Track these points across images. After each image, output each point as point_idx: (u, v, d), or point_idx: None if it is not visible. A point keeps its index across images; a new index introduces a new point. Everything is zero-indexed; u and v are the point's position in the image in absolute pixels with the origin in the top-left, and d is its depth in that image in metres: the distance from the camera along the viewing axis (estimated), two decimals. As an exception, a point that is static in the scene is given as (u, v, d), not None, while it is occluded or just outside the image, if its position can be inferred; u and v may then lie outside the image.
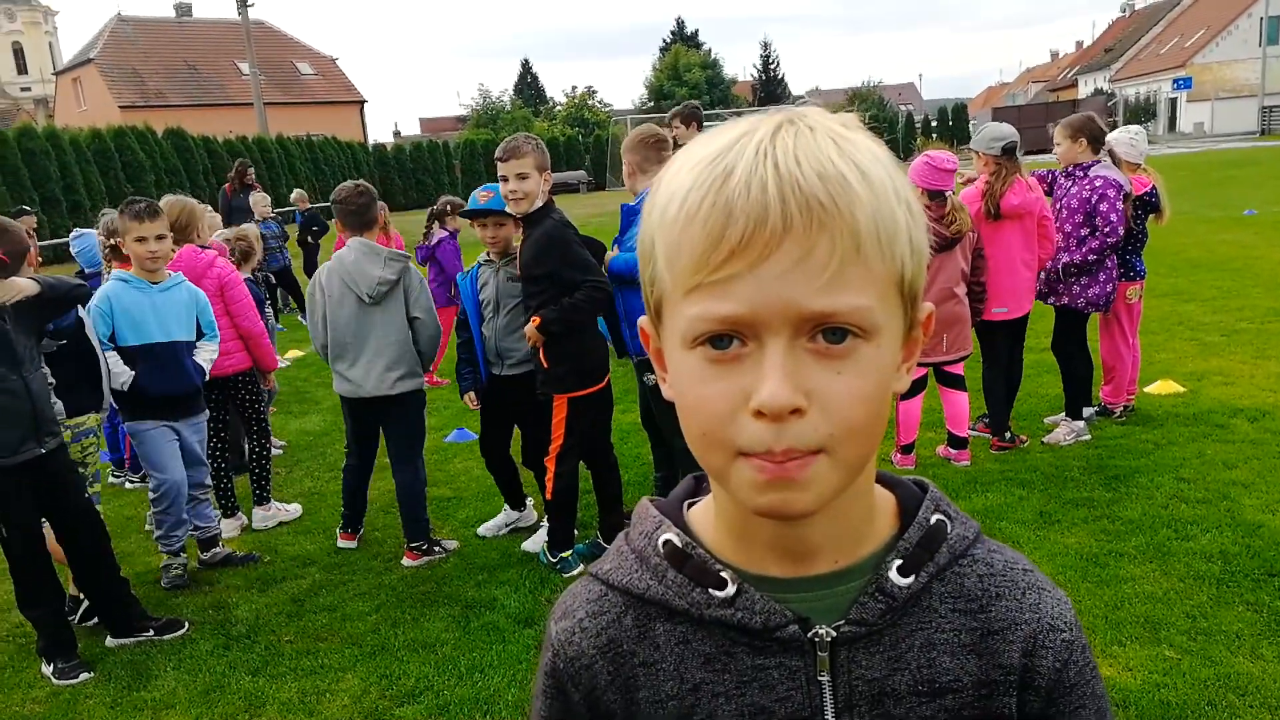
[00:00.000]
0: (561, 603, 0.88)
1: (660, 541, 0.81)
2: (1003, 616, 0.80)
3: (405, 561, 4.77)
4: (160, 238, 4.45)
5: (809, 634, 0.77)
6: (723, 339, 0.68)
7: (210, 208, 7.13)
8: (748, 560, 0.79)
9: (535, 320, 4.22)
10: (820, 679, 0.78)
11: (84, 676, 3.90)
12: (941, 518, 0.81)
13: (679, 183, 0.70)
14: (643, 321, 0.78)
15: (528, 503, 5.16)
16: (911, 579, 0.78)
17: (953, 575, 0.80)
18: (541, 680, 0.87)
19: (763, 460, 0.68)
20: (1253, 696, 3.14)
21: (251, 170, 13.45)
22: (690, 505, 0.86)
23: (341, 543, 5.02)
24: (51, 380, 4.03)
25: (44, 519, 3.93)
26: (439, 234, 8.40)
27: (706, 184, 0.67)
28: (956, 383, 5.42)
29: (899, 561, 0.78)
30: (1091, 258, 5.40)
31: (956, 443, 5.51)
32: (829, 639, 0.77)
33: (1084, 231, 5.40)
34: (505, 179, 4.24)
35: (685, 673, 0.80)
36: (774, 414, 0.66)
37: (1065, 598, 0.83)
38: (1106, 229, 5.33)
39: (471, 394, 4.89)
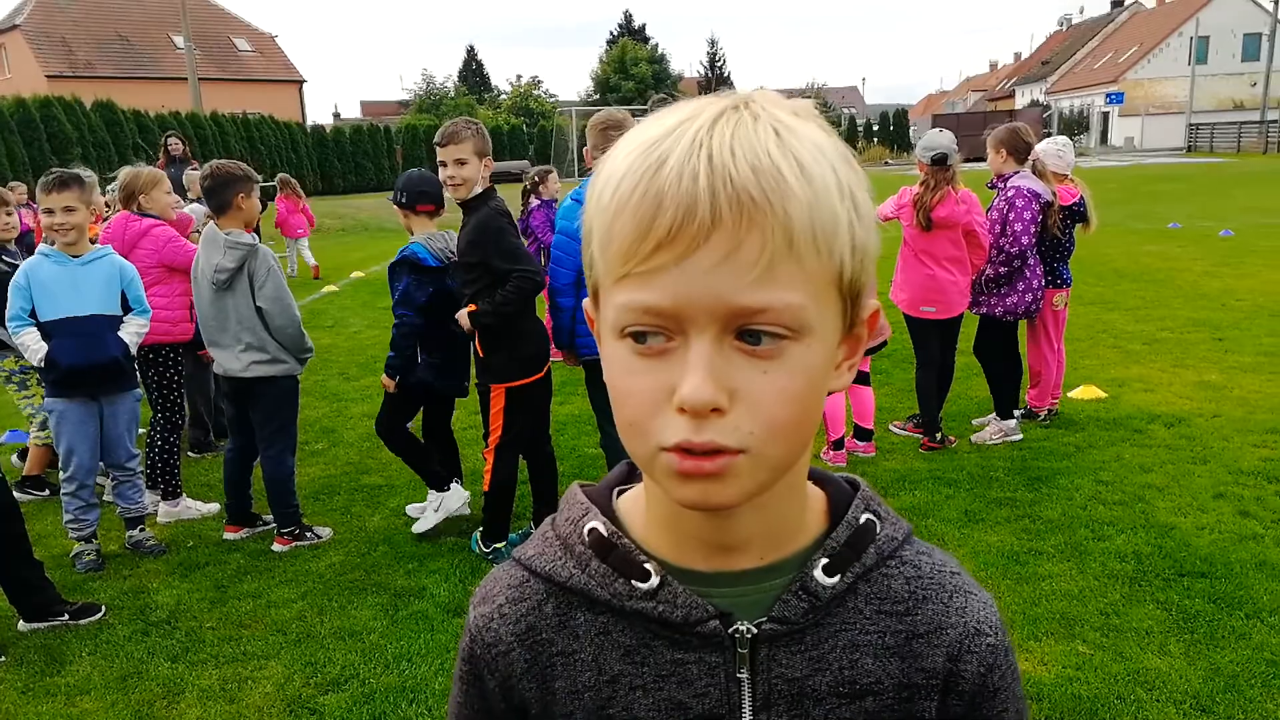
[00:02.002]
0: (482, 587, 0.86)
1: (586, 530, 0.80)
2: (928, 620, 0.79)
3: (275, 546, 4.77)
4: (68, 210, 4.32)
5: (729, 630, 0.76)
6: (642, 331, 0.67)
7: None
8: (674, 552, 0.78)
9: (470, 307, 4.21)
10: (739, 676, 0.77)
11: None
12: (871, 517, 0.81)
13: (615, 168, 0.68)
14: (586, 304, 0.77)
15: (453, 485, 4.98)
16: (837, 579, 0.77)
17: (880, 576, 0.80)
18: (459, 665, 0.86)
19: (681, 455, 0.67)
20: (1159, 691, 3.25)
21: (175, 142, 12.69)
22: (621, 493, 0.84)
23: (227, 534, 4.93)
24: None
25: None
26: (533, 204, 8.36)
27: (639, 171, 0.66)
28: (863, 379, 5.58)
29: (825, 560, 0.77)
30: (1003, 270, 5.54)
31: (863, 434, 5.65)
32: (749, 636, 0.76)
33: (1002, 241, 5.53)
34: (444, 164, 4.20)
35: (604, 664, 0.78)
36: (694, 411, 0.65)
37: (991, 601, 0.83)
38: (1009, 239, 5.47)
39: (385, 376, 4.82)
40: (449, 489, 4.90)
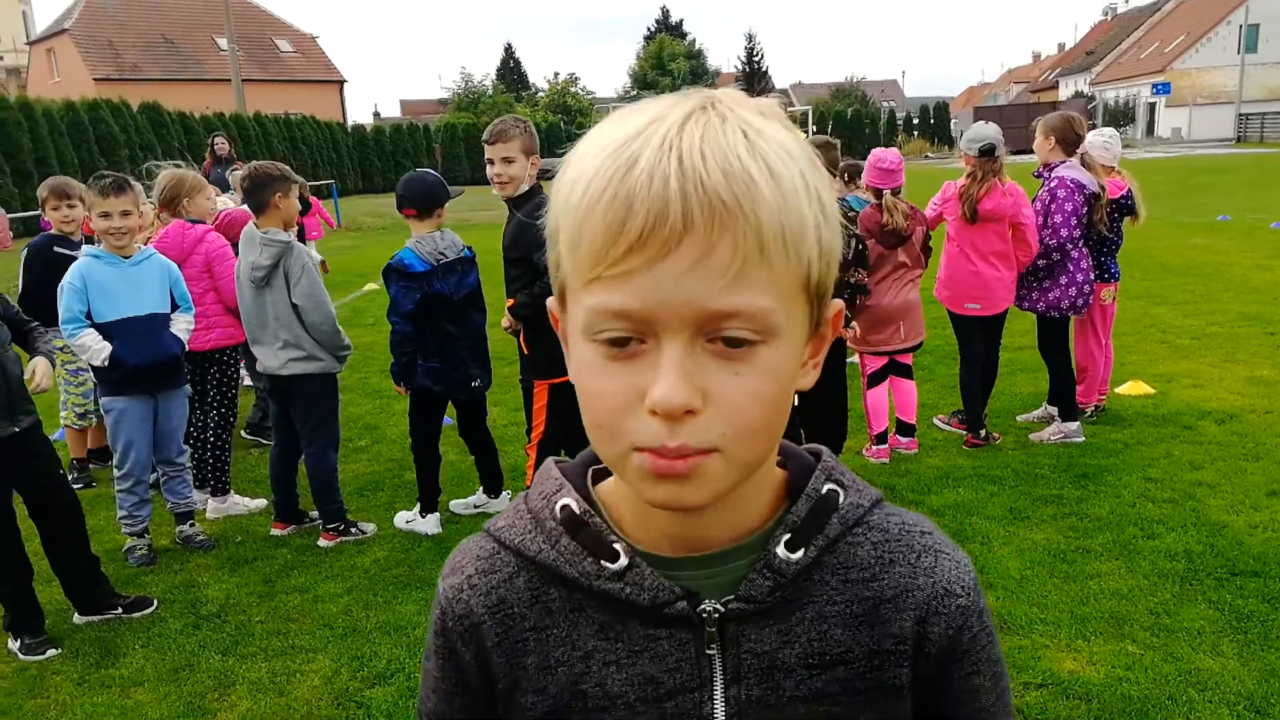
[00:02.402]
0: (452, 558, 0.86)
1: (558, 506, 0.80)
2: (895, 583, 0.79)
3: (321, 542, 4.82)
4: (125, 213, 4.41)
5: (697, 609, 0.77)
6: (621, 337, 0.67)
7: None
8: (644, 536, 0.79)
9: (509, 302, 4.26)
10: (709, 652, 0.77)
11: (51, 653, 3.87)
12: (834, 488, 0.80)
13: (584, 168, 0.68)
14: (551, 304, 0.77)
15: (432, 516, 4.97)
16: (800, 553, 0.77)
17: (845, 545, 0.79)
18: (431, 640, 0.86)
19: (654, 455, 0.67)
20: (1212, 692, 3.20)
21: (222, 142, 12.89)
22: (599, 473, 0.84)
23: (274, 530, 5.00)
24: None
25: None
26: None
27: (609, 173, 0.65)
28: (906, 372, 5.52)
29: (787, 536, 0.77)
30: (1041, 262, 5.46)
31: (905, 429, 5.60)
32: (716, 615, 0.77)
33: (1043, 234, 5.45)
34: (491, 161, 4.27)
35: (577, 640, 0.79)
36: (667, 414, 0.65)
37: (965, 560, 0.81)
38: (1048, 230, 5.39)
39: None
40: (427, 517, 4.95)
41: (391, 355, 4.73)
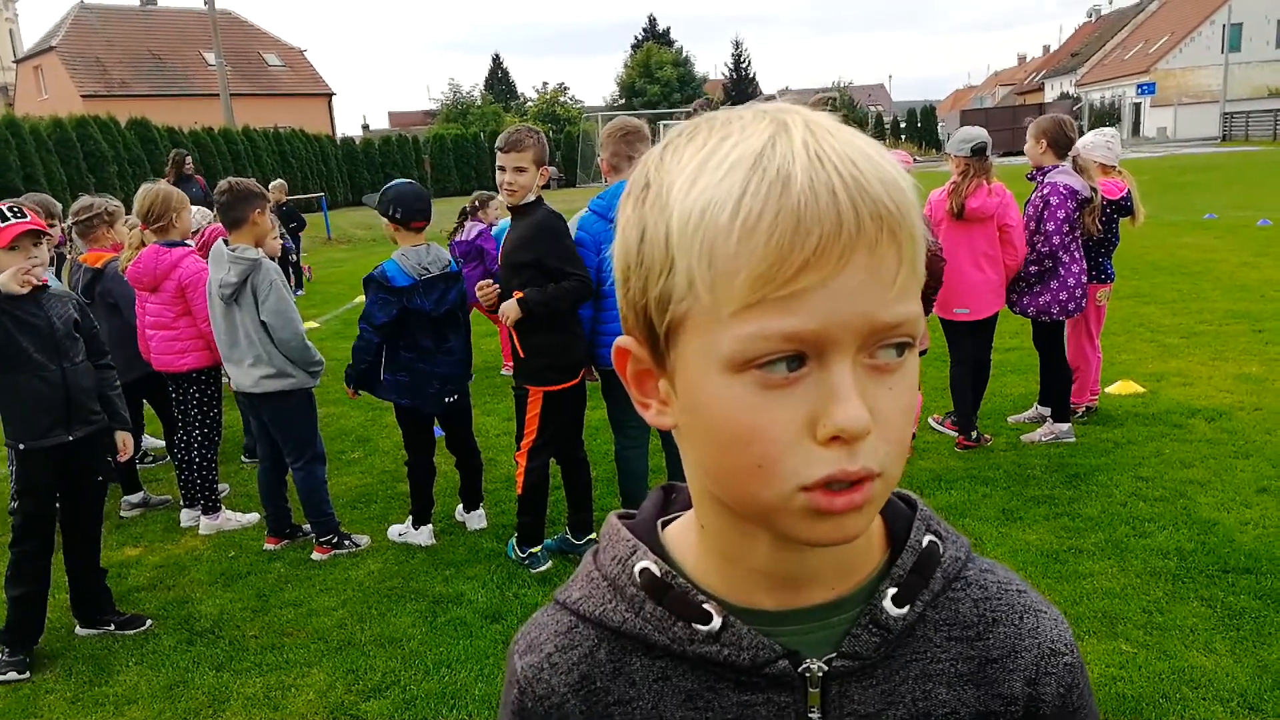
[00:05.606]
0: (525, 635, 0.81)
1: (636, 570, 0.75)
2: (1001, 644, 0.76)
3: (314, 555, 4.83)
4: None
5: (799, 669, 0.73)
6: (793, 360, 0.62)
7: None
8: (734, 590, 0.74)
9: (517, 294, 4.21)
10: (810, 715, 0.74)
11: (12, 676, 3.83)
12: (933, 539, 0.77)
13: (722, 190, 0.62)
14: (626, 342, 0.71)
15: (425, 529, 4.98)
16: (906, 609, 0.74)
17: (947, 601, 0.77)
18: (506, 718, 0.81)
19: (829, 493, 0.63)
20: (1205, 690, 3.21)
21: (189, 160, 12.93)
22: (665, 524, 0.80)
23: (267, 545, 5.00)
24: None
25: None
26: (476, 227, 8.26)
27: (762, 190, 0.60)
28: None
29: (893, 590, 0.74)
30: (1033, 269, 5.48)
31: None
32: (820, 674, 0.73)
33: (1035, 239, 5.47)
34: (503, 169, 4.27)
35: (664, 711, 0.75)
36: (853, 438, 0.62)
37: (1061, 617, 0.80)
38: (1040, 237, 5.41)
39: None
40: (420, 529, 4.94)
41: (351, 358, 4.70)
